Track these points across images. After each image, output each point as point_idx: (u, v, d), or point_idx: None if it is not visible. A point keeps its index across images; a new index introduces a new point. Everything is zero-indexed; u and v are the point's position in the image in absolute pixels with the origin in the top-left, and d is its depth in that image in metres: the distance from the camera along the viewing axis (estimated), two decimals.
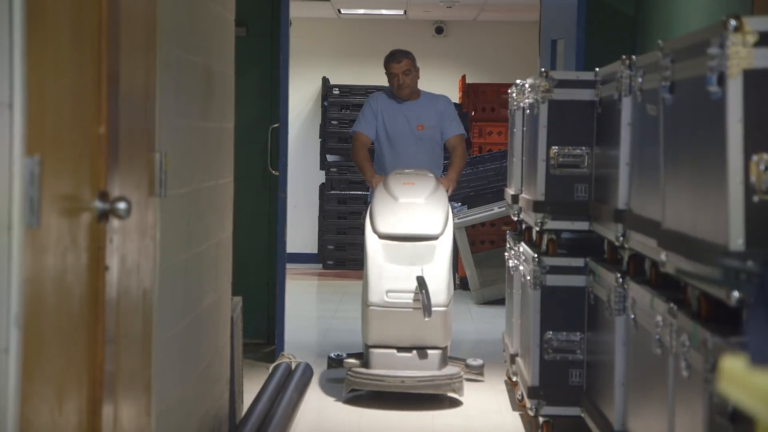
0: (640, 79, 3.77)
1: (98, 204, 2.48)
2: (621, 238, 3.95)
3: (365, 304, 5.54)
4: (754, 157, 2.58)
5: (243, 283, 5.61)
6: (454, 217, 6.16)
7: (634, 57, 3.95)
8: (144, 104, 3.00)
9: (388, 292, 5.46)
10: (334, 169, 11.00)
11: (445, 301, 5.46)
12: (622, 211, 3.98)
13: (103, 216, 2.50)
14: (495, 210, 8.99)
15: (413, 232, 5.52)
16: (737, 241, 2.58)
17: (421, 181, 5.72)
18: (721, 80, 2.65)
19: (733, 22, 2.61)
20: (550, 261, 4.76)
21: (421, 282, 5.38)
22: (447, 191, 5.93)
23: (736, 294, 2.50)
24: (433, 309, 5.32)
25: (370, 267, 5.52)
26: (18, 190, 1.98)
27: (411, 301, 5.43)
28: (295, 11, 8.93)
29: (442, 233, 5.54)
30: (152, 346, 3.08)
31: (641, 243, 3.65)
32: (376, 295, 5.48)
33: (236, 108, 4.59)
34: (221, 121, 4.23)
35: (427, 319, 5.32)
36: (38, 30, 2.09)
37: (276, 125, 6.83)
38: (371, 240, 5.56)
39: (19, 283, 2.00)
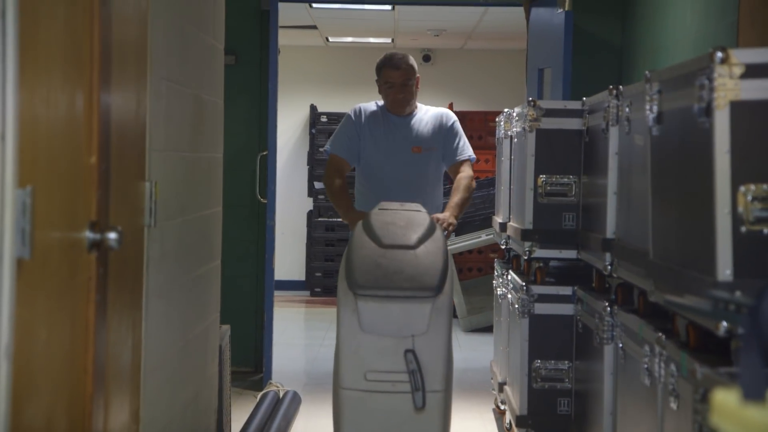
0: (627, 109, 3.80)
1: (89, 234, 2.48)
2: (609, 267, 3.96)
3: (337, 386, 4.16)
4: (742, 188, 2.60)
5: (231, 310, 5.60)
6: None
7: (621, 87, 3.98)
8: (135, 134, 3.01)
9: (367, 372, 4.09)
10: (322, 196, 11.01)
11: (442, 385, 4.12)
12: (610, 240, 4.00)
13: (94, 246, 2.50)
14: (483, 237, 9.01)
15: (401, 289, 4.09)
16: (725, 271, 2.59)
17: (412, 220, 4.31)
18: (709, 111, 2.67)
19: (719, 54, 2.63)
20: (538, 289, 4.77)
21: (411, 359, 4.08)
22: (446, 231, 4.70)
23: (725, 325, 2.51)
24: (428, 393, 4.08)
25: (344, 338, 4.13)
26: (9, 222, 1.99)
27: (398, 384, 4.11)
28: (284, 39, 8.97)
29: (439, 291, 4.13)
30: (141, 376, 3.08)
31: (629, 272, 3.66)
32: (351, 376, 4.10)
33: (225, 136, 4.59)
34: (211, 150, 4.24)
35: (419, 408, 4.08)
36: (31, 61, 2.10)
37: (264, 153, 6.83)
38: (346, 300, 4.13)
39: (9, 315, 2.00)
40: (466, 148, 5.04)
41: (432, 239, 4.24)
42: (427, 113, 5.05)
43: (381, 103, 5.08)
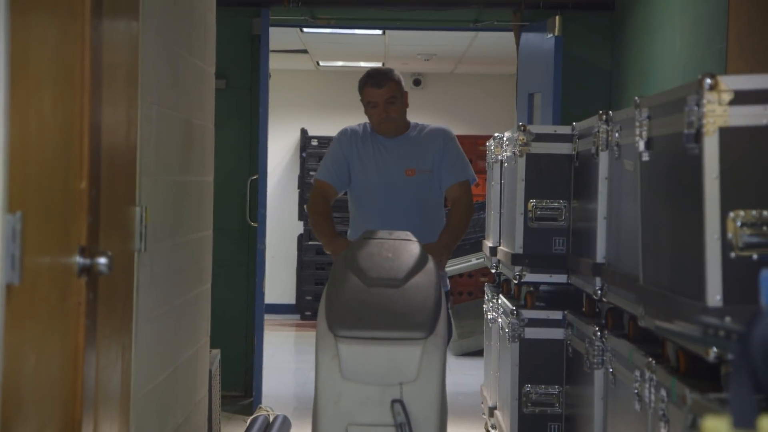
0: (617, 134, 3.81)
1: (79, 259, 2.48)
2: (599, 292, 3.96)
3: None
4: (731, 214, 2.61)
5: (221, 334, 5.58)
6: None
7: (610, 112, 4.00)
8: (125, 159, 3.01)
9: (349, 426, 3.62)
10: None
11: None
12: (600, 265, 4.00)
13: (84, 271, 2.50)
14: (473, 261, 9.01)
15: (388, 330, 3.63)
16: (715, 297, 2.60)
17: (400, 251, 3.88)
18: (698, 137, 2.68)
19: (708, 81, 2.65)
20: (528, 314, 4.77)
21: (399, 410, 3.60)
22: (439, 264, 4.18)
23: (715, 351, 2.51)
24: None
25: (323, 386, 3.65)
26: None
27: None
28: (274, 63, 8.98)
29: (431, 331, 3.68)
30: (130, 400, 3.06)
31: (619, 297, 3.66)
32: (330, 429, 3.64)
33: (215, 159, 4.60)
34: (201, 174, 4.24)
35: None
36: (21, 87, 2.10)
37: (255, 177, 6.84)
38: (325, 343, 3.66)
39: None
40: (463, 169, 4.51)
41: (423, 272, 3.77)
42: (421, 132, 4.56)
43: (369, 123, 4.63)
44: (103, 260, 2.51)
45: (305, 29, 8.10)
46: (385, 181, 4.50)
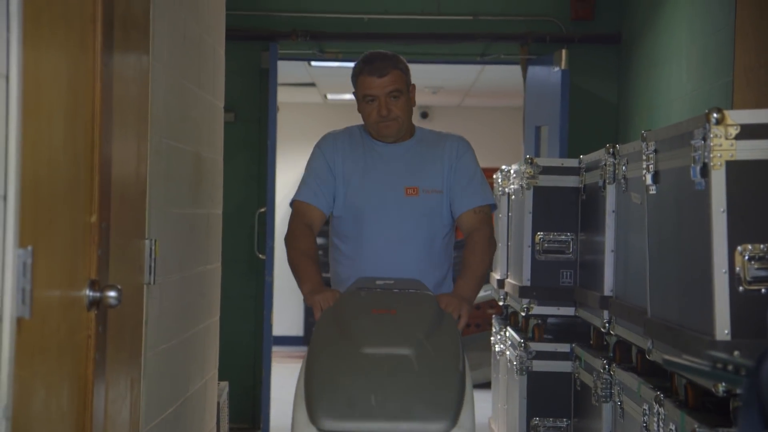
0: (624, 168, 3.82)
1: (88, 293, 2.49)
2: (607, 325, 3.96)
3: None
4: (739, 248, 2.61)
5: (229, 366, 5.58)
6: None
7: (617, 145, 4.01)
8: (135, 192, 3.02)
9: None
10: (321, 252, 11.00)
11: None
12: (607, 298, 4.00)
13: (93, 304, 2.51)
14: (481, 294, 8.99)
15: (392, 423, 2.67)
16: (723, 331, 2.60)
17: (407, 308, 2.96)
18: (705, 171, 2.69)
19: (715, 115, 2.66)
20: (536, 346, 4.76)
21: None
22: (458, 322, 3.15)
23: (723, 385, 2.51)
24: None
25: None
26: (10, 282, 1.99)
27: None
28: (282, 96, 9.04)
29: (452, 423, 2.69)
30: None
31: (627, 330, 3.66)
32: None
33: (224, 192, 4.62)
34: (210, 207, 4.26)
35: None
36: (33, 122, 2.12)
37: (263, 209, 6.86)
38: None
39: (8, 374, 1.99)
40: (481, 191, 3.49)
41: (439, 336, 2.86)
42: (430, 140, 3.55)
43: (363, 124, 3.59)
44: (112, 294, 2.52)
45: (313, 63, 8.14)
46: (378, 203, 3.44)
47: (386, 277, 3.26)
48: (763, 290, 2.59)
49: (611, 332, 3.93)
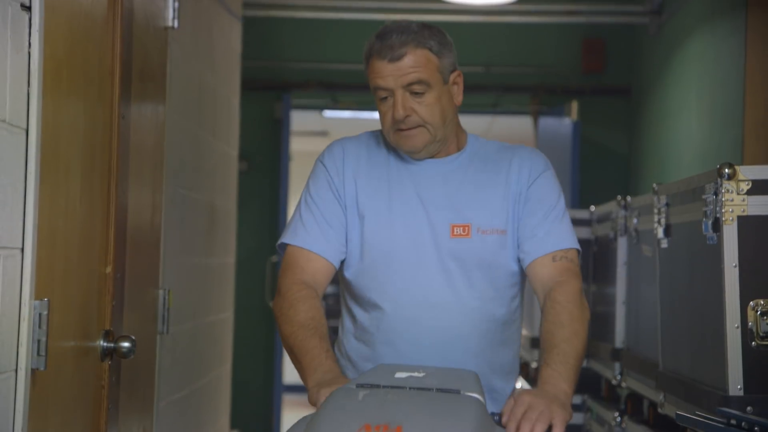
0: (635, 220, 3.83)
1: (102, 343, 2.50)
2: (618, 377, 3.95)
3: None
4: (751, 303, 2.62)
5: (240, 413, 5.57)
6: None
7: (629, 198, 4.02)
8: (149, 242, 3.04)
9: None
10: (331, 301, 11.00)
11: None
12: (619, 350, 3.99)
13: (107, 355, 2.52)
14: None
15: None
16: (736, 386, 2.59)
17: (428, 422, 1.83)
18: (716, 226, 2.70)
19: (727, 170, 2.68)
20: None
21: None
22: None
23: None
24: None
25: None
26: (26, 333, 2.01)
27: None
28: (295, 145, 9.09)
29: None
30: None
31: (639, 382, 3.65)
32: None
33: (236, 240, 4.64)
34: (223, 256, 4.28)
35: None
36: (51, 175, 2.14)
37: (275, 258, 6.88)
38: None
39: (23, 425, 2.00)
40: (562, 229, 2.41)
41: None
42: (488, 154, 2.49)
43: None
44: (126, 344, 2.53)
45: (326, 112, 8.21)
46: (410, 247, 2.36)
47: (417, 366, 2.16)
48: None
49: (623, 384, 3.92)
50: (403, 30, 2.36)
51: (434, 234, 2.39)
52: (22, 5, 1.97)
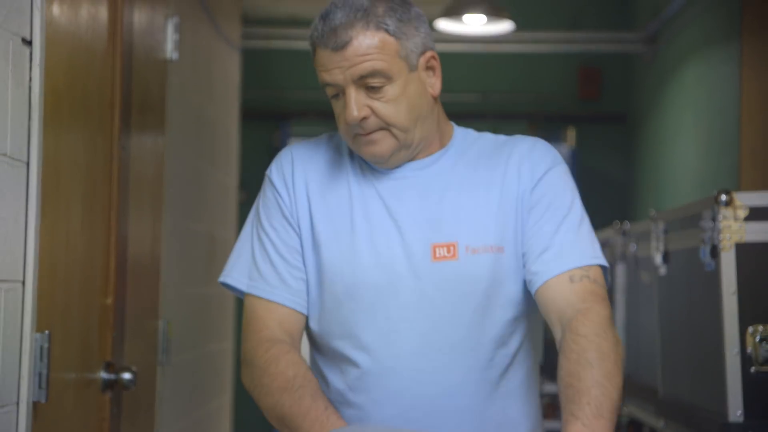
0: (633, 247, 3.84)
1: (103, 375, 2.50)
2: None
3: None
4: (750, 329, 2.62)
5: None
6: None
7: (627, 224, 4.04)
8: (149, 273, 3.05)
9: None
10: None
11: None
12: None
13: (108, 386, 2.52)
14: None
15: None
16: (736, 412, 2.60)
17: None
18: (714, 252, 2.71)
19: (724, 197, 2.69)
20: (547, 425, 4.74)
21: None
22: None
23: None
24: None
25: None
26: (27, 366, 2.01)
27: None
28: None
29: None
30: None
31: (639, 408, 3.65)
32: None
33: None
34: (222, 286, 4.28)
35: None
36: (52, 207, 2.15)
37: None
38: None
39: None
40: (581, 239, 1.89)
41: None
42: (478, 151, 1.98)
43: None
44: (127, 375, 2.53)
45: None
46: (382, 276, 1.87)
47: (397, 430, 1.80)
48: None
49: (623, 411, 3.92)
50: (349, 5, 1.83)
51: (411, 259, 1.86)
52: (24, 40, 1.98)
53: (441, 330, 1.86)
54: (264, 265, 1.94)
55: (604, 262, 1.90)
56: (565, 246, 1.86)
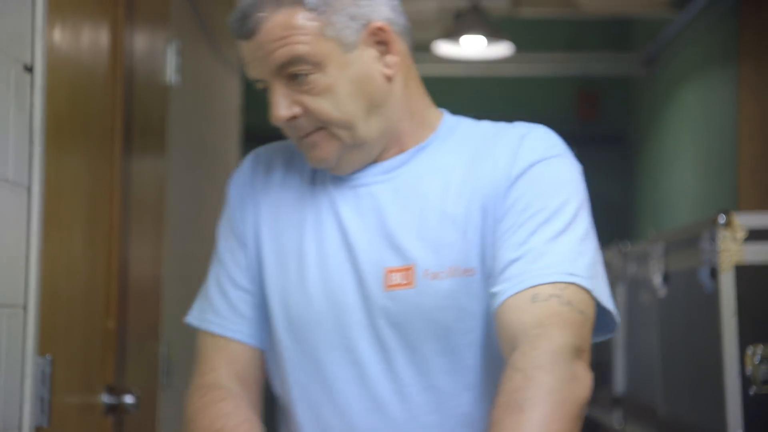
0: (633, 268, 3.85)
1: (105, 398, 2.51)
2: (622, 424, 3.95)
3: None
4: (749, 350, 2.63)
5: None
6: None
7: (627, 244, 4.05)
8: (151, 295, 3.06)
9: None
10: None
11: None
12: (619, 398, 4.00)
13: (110, 410, 2.52)
14: None
15: None
16: None
17: None
18: (713, 274, 2.72)
19: (722, 218, 2.70)
20: None
21: None
22: None
23: None
24: None
25: None
26: (29, 390, 2.02)
27: None
28: None
29: None
30: None
31: (640, 429, 3.65)
32: None
33: None
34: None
35: None
36: (53, 231, 2.17)
37: None
38: None
39: None
40: (557, 253, 1.42)
41: None
42: (475, 142, 1.58)
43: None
44: (129, 399, 2.54)
45: None
46: (328, 310, 1.53)
47: None
48: None
49: (625, 430, 3.92)
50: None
51: (362, 287, 1.49)
52: (25, 66, 2.00)
53: (395, 380, 1.47)
54: (215, 293, 1.64)
55: (585, 281, 1.40)
56: (531, 257, 1.40)
